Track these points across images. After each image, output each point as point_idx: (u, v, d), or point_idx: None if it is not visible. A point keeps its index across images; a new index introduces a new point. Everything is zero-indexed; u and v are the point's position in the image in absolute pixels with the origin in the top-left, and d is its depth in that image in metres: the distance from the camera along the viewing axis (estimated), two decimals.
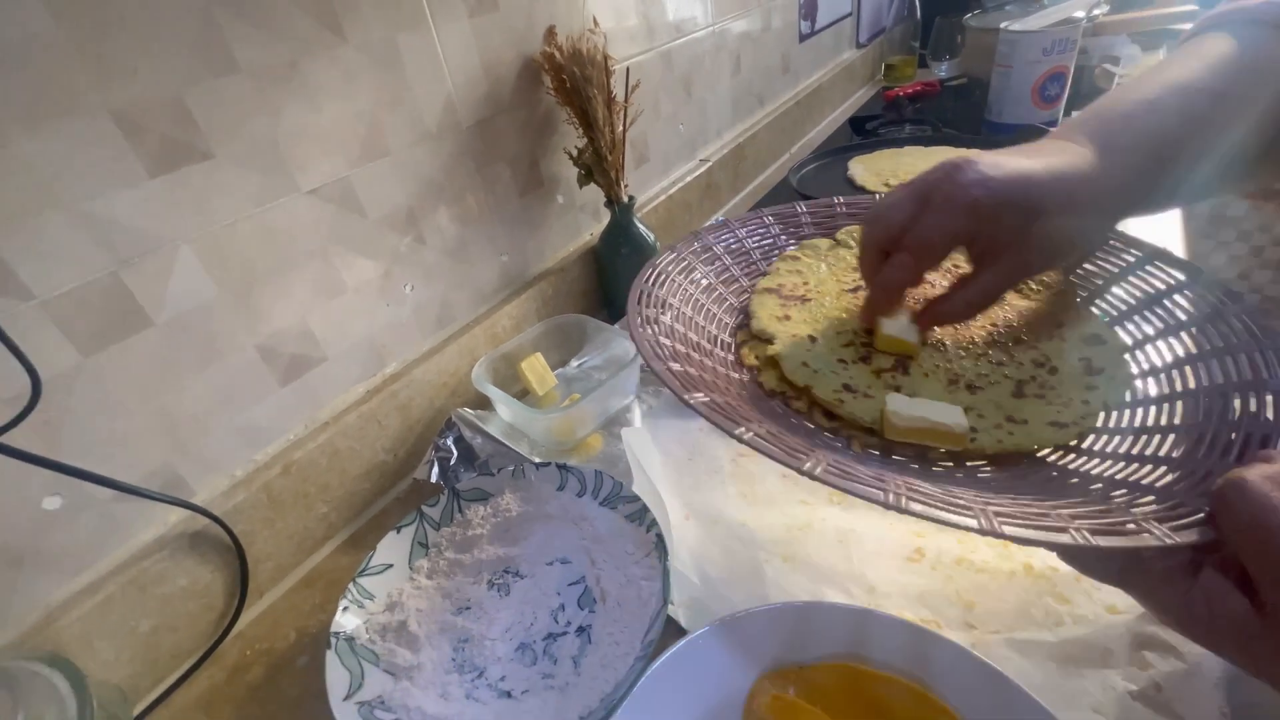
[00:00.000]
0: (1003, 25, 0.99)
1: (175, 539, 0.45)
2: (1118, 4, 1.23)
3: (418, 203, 0.58)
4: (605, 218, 0.76)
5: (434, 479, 0.54)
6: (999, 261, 0.37)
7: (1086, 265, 0.45)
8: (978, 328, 0.43)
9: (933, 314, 0.40)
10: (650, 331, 0.39)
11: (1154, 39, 1.29)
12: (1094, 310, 0.44)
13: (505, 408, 0.58)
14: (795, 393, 0.40)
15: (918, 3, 1.45)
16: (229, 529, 0.46)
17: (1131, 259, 0.43)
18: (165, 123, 0.41)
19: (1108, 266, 0.44)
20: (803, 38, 1.27)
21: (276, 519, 0.50)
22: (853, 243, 0.52)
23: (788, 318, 0.45)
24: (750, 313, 0.46)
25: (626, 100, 0.69)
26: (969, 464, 0.35)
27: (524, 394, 0.64)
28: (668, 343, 0.39)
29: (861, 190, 0.89)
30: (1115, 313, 0.43)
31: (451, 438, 0.57)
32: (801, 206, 0.55)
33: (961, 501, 0.26)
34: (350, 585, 0.44)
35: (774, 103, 1.21)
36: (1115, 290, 0.43)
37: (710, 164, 0.99)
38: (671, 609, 0.41)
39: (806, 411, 0.39)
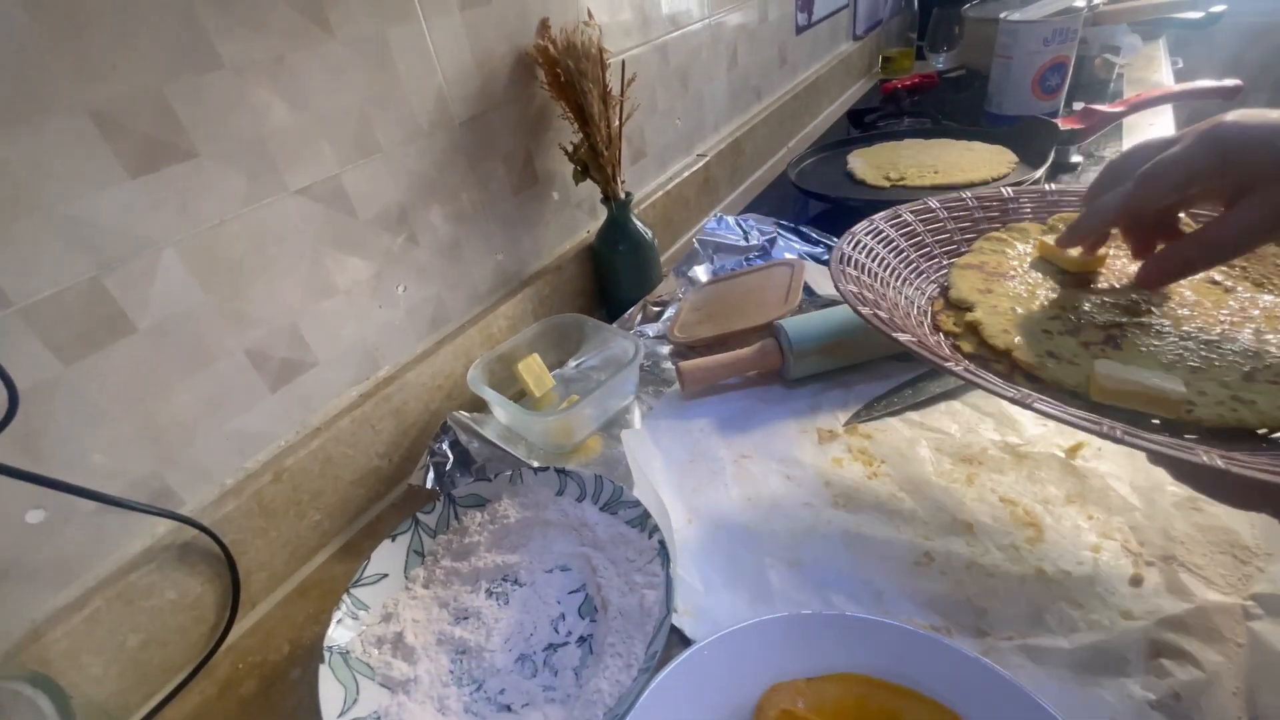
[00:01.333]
0: (1003, 15, 0.98)
1: (164, 550, 0.44)
2: None
3: (410, 201, 0.57)
4: (602, 215, 0.75)
5: (429, 485, 0.53)
6: (1244, 211, 0.32)
7: None
8: (1209, 317, 0.39)
9: (1164, 261, 0.37)
10: (851, 285, 0.40)
11: (1154, 28, 1.28)
12: None
13: (502, 410, 0.57)
14: (995, 356, 0.38)
15: None
16: (219, 539, 0.45)
17: None
18: (146, 121, 0.39)
19: None
20: (799, 30, 1.25)
21: (268, 528, 0.49)
22: (1063, 227, 0.49)
23: (989, 290, 0.43)
24: (949, 284, 0.45)
25: (622, 94, 0.67)
26: (1186, 437, 0.32)
27: (521, 396, 0.63)
28: (870, 295, 0.40)
29: (861, 183, 0.88)
30: None
31: (447, 442, 0.56)
32: (1008, 190, 0.54)
33: (1184, 442, 0.26)
34: (344, 596, 0.43)
35: (771, 96, 1.20)
36: None
37: (708, 159, 0.97)
38: (675, 617, 0.40)
39: (1007, 375, 0.37)
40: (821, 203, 0.89)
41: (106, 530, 0.42)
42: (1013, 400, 0.29)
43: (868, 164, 0.91)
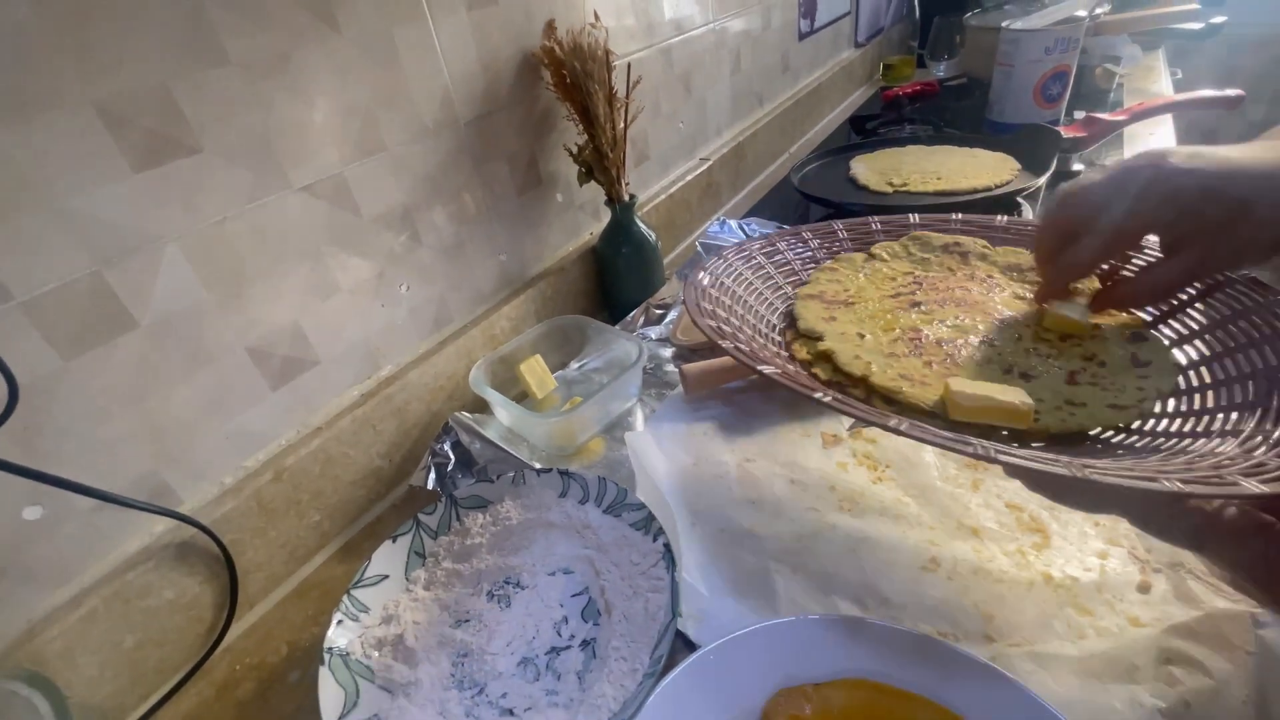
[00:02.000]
0: (1004, 24, 0.98)
1: (161, 549, 0.43)
2: (1119, 3, 1.22)
3: (414, 201, 0.56)
4: (605, 217, 0.75)
5: (431, 485, 0.53)
6: (1190, 252, 0.36)
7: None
8: (1025, 326, 0.43)
9: (1115, 297, 0.40)
10: (708, 319, 0.41)
11: (1154, 39, 1.28)
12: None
13: (504, 411, 0.57)
14: (851, 382, 0.40)
15: (916, 3, 1.44)
16: (218, 538, 0.44)
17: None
18: (151, 116, 0.39)
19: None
20: (802, 36, 1.26)
21: (267, 528, 0.48)
22: (887, 256, 0.54)
23: (833, 319, 0.46)
24: (796, 315, 0.47)
25: (628, 96, 0.67)
26: (1033, 445, 0.35)
27: (523, 397, 0.63)
28: (728, 329, 0.41)
29: (864, 189, 0.88)
30: (1152, 316, 0.43)
31: (449, 443, 0.55)
32: (838, 224, 0.57)
33: (1049, 455, 0.28)
34: (344, 598, 0.42)
35: (774, 101, 1.20)
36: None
37: (710, 163, 0.98)
38: (680, 621, 0.39)
39: (865, 399, 0.39)
40: (823, 207, 0.89)
41: (104, 528, 0.42)
42: (886, 428, 0.30)
43: (871, 169, 0.92)
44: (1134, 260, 0.44)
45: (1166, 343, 0.41)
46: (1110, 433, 0.36)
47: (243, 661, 0.45)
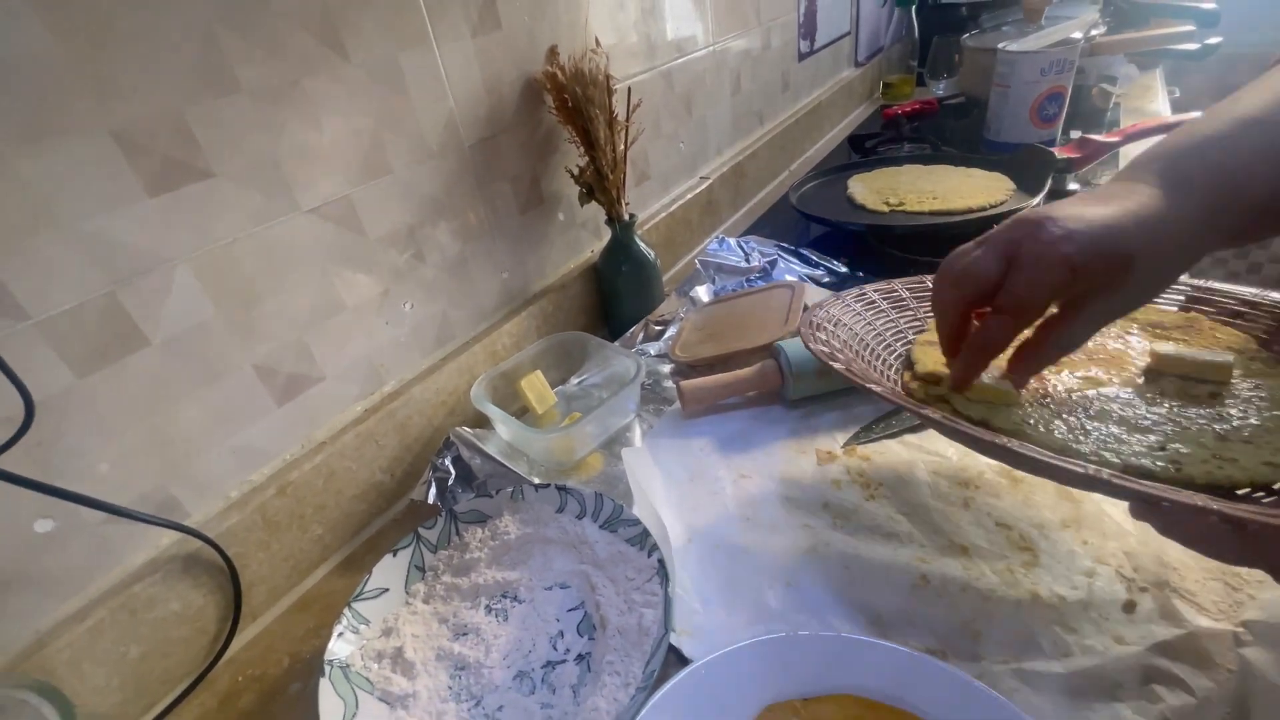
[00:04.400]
0: (1001, 45, 1.00)
1: (168, 562, 0.44)
2: (1115, 24, 1.24)
3: (418, 221, 0.58)
4: (606, 235, 0.76)
5: (431, 500, 0.54)
6: (1088, 308, 0.36)
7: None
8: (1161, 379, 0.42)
9: (1027, 362, 0.40)
10: (820, 345, 0.44)
11: (1151, 59, 1.30)
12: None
13: (504, 427, 0.58)
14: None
15: (915, 22, 1.46)
16: (223, 551, 0.45)
17: None
18: (165, 142, 0.41)
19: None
20: (802, 56, 1.28)
21: (271, 541, 0.49)
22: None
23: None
24: (913, 359, 0.48)
25: (628, 119, 0.69)
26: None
27: (524, 412, 0.64)
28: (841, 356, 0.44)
29: (861, 208, 0.89)
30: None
31: (450, 457, 0.56)
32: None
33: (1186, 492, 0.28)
34: (345, 610, 0.43)
35: (774, 121, 1.22)
36: None
37: (710, 182, 0.99)
38: (673, 636, 0.40)
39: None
40: (822, 226, 0.90)
41: (112, 541, 0.43)
42: (995, 446, 0.31)
43: (868, 189, 0.93)
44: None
45: None
46: (1260, 492, 0.34)
47: (245, 673, 0.46)
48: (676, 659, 0.40)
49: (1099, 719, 0.33)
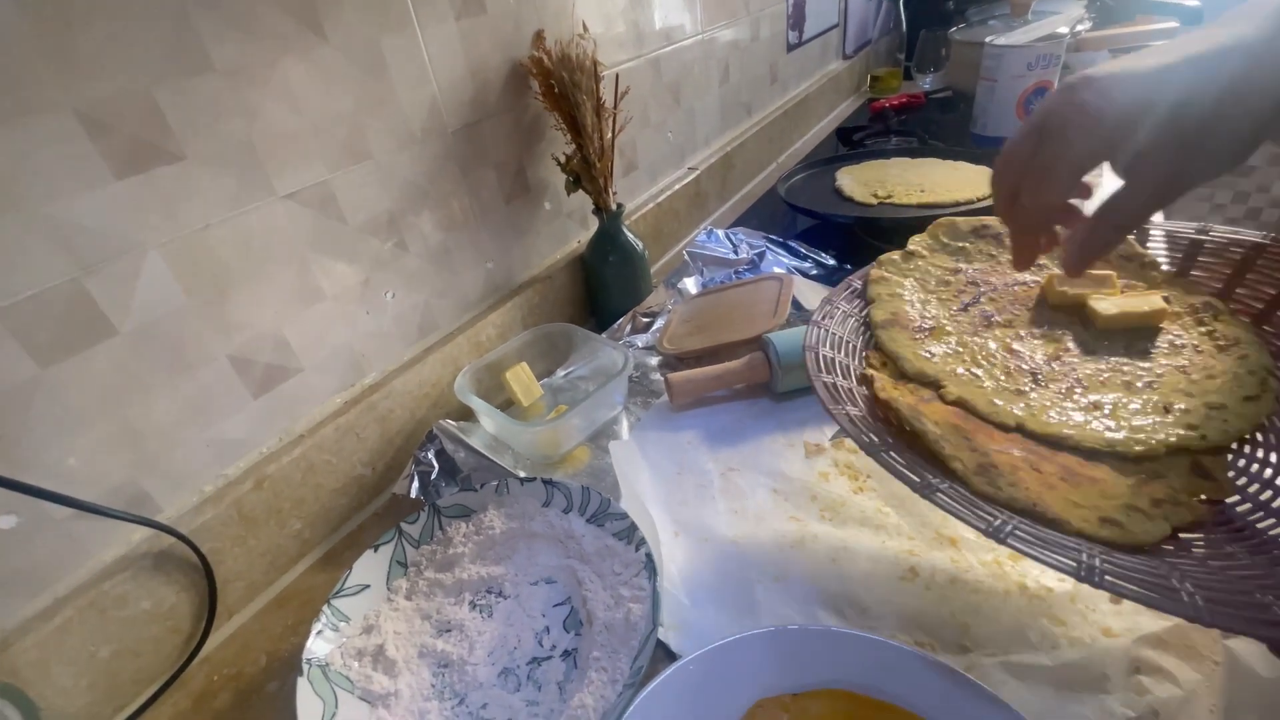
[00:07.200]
0: (987, 40, 1.00)
1: (139, 559, 0.43)
2: (1100, 20, 1.25)
3: (400, 208, 0.56)
4: (593, 225, 0.75)
5: (414, 494, 0.53)
6: (1145, 173, 0.32)
7: None
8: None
9: (1079, 252, 0.36)
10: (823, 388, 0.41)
11: None
12: None
13: (489, 419, 0.56)
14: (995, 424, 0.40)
15: (903, 16, 1.46)
16: (196, 547, 0.44)
17: None
18: (133, 122, 0.39)
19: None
20: (790, 48, 1.27)
21: (247, 536, 0.48)
22: (925, 252, 0.53)
23: (931, 355, 0.45)
24: (895, 355, 0.45)
25: (615, 106, 0.68)
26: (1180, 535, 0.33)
27: (508, 405, 0.63)
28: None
29: (849, 200, 0.89)
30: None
31: (433, 451, 0.55)
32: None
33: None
34: (324, 607, 0.42)
35: (762, 112, 1.21)
36: None
37: (698, 172, 0.98)
38: (661, 631, 0.39)
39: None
40: (810, 218, 0.89)
41: (80, 537, 0.41)
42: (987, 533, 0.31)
43: (856, 181, 0.93)
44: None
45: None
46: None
47: (221, 672, 0.44)
48: (664, 654, 0.39)
49: (1087, 711, 0.33)
